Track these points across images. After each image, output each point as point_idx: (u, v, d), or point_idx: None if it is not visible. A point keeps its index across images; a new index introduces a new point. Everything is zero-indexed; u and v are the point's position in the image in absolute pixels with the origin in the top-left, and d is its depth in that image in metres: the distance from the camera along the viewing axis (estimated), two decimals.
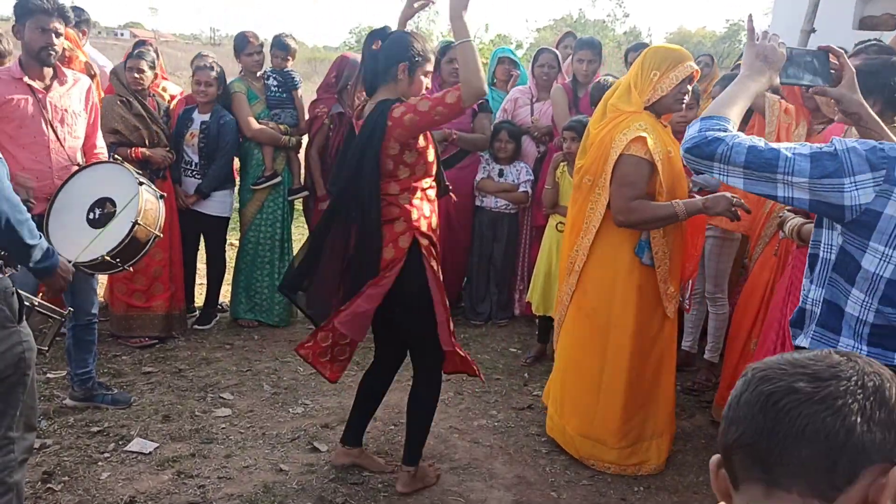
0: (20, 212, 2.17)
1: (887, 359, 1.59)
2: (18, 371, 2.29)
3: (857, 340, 1.64)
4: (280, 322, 5.06)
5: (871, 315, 1.61)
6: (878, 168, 1.53)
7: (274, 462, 3.28)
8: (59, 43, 3.26)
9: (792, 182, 1.58)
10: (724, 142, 1.64)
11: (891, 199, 1.52)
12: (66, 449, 3.30)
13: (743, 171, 1.62)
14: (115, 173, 3.25)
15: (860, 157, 1.54)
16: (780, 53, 1.82)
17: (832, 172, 1.55)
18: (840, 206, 1.56)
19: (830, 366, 0.85)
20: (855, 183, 1.53)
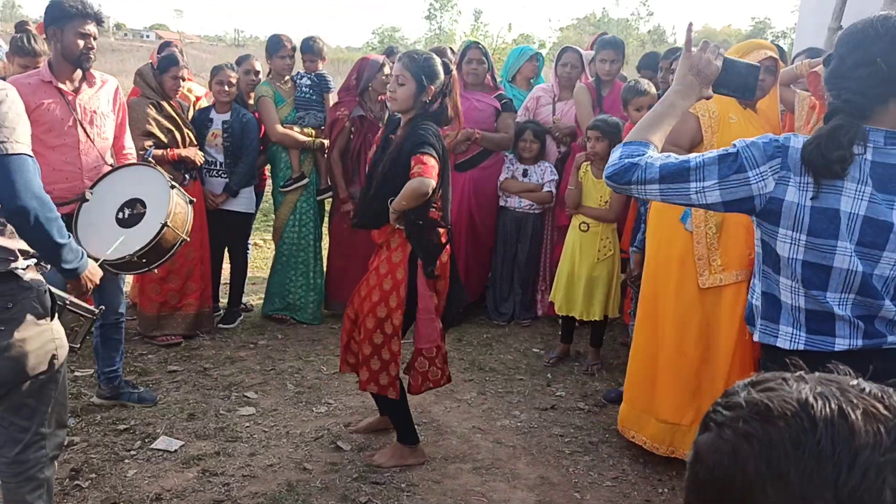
0: (50, 210, 2.19)
1: (827, 344, 1.66)
2: (51, 368, 2.32)
3: (797, 328, 1.71)
4: (313, 320, 5.12)
5: (803, 300, 1.68)
6: (774, 157, 1.64)
7: (298, 461, 3.30)
8: (95, 46, 3.30)
9: (704, 187, 1.69)
10: (639, 167, 1.74)
11: (789, 184, 1.63)
12: (94, 446, 3.34)
13: (658, 185, 1.73)
14: (147, 175, 3.28)
15: (759, 150, 1.66)
16: (713, 67, 1.83)
17: (737, 169, 1.66)
18: (750, 198, 1.66)
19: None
20: (759, 174, 1.64)
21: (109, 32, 52.20)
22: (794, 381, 0.74)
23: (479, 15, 37.25)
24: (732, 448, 0.70)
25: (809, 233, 1.63)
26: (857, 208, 1.61)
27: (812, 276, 1.65)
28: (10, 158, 2.11)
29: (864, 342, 1.66)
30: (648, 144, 1.81)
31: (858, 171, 1.61)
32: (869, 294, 1.64)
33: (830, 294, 1.65)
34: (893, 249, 1.62)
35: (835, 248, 1.62)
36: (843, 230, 1.60)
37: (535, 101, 5.30)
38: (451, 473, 3.25)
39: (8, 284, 2.23)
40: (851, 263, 1.62)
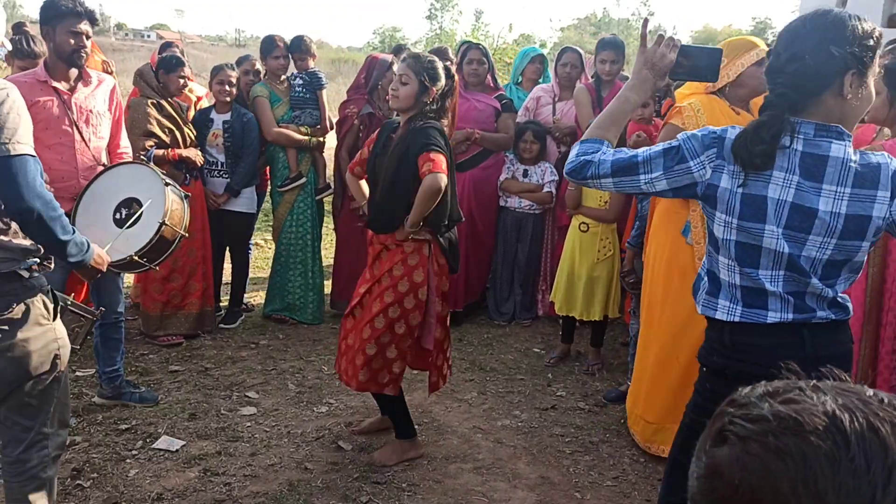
0: (53, 209, 2.20)
1: (760, 316, 1.79)
2: (53, 368, 2.33)
3: (733, 302, 1.83)
4: (314, 320, 5.12)
5: (738, 277, 1.81)
6: (710, 147, 1.77)
7: (299, 460, 3.31)
8: (88, 45, 3.31)
9: (652, 178, 1.83)
10: (593, 163, 1.89)
11: (723, 172, 1.76)
12: (95, 446, 3.35)
13: (612, 178, 1.87)
14: (141, 173, 3.28)
15: (697, 141, 1.79)
16: (667, 60, 1.91)
17: (679, 160, 1.80)
18: (693, 184, 1.80)
19: None
20: (699, 163, 1.78)
21: (110, 32, 52.21)
22: (811, 392, 0.71)
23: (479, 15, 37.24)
24: (762, 465, 0.66)
25: (740, 217, 1.75)
26: (785, 195, 1.72)
27: (744, 255, 1.78)
28: (12, 159, 2.12)
29: (795, 316, 1.78)
30: (602, 141, 1.94)
31: (787, 161, 1.72)
32: (797, 272, 1.75)
33: (763, 272, 1.77)
34: (819, 233, 1.73)
35: (762, 231, 1.74)
36: (769, 215, 1.73)
37: (536, 101, 5.30)
38: (451, 473, 3.26)
39: (11, 284, 2.24)
40: (778, 245, 1.74)
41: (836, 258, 1.77)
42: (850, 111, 1.77)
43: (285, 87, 5.06)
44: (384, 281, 3.17)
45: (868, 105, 1.82)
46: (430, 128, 3.06)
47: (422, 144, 3.01)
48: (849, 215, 1.72)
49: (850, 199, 1.73)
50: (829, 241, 1.74)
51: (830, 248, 1.75)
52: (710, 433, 0.74)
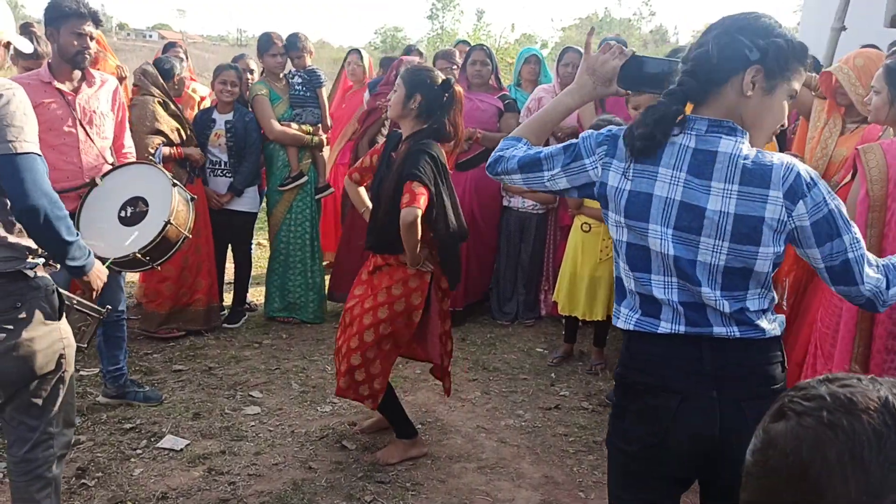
0: (59, 208, 2.20)
1: (652, 326, 1.69)
2: (59, 368, 2.34)
3: (632, 309, 1.74)
4: (315, 319, 5.12)
5: (633, 283, 1.73)
6: (602, 144, 1.74)
7: (303, 460, 3.31)
8: (92, 46, 3.31)
9: (553, 175, 1.80)
10: (504, 158, 1.88)
11: (611, 170, 1.71)
12: (100, 445, 3.36)
13: (520, 174, 1.85)
14: (148, 173, 3.29)
15: (593, 140, 1.76)
16: (610, 66, 1.86)
17: (575, 157, 1.76)
18: (591, 184, 1.76)
19: None
20: (592, 161, 1.74)
21: (112, 32, 52.25)
22: (868, 381, 0.77)
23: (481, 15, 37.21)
24: (815, 435, 0.73)
25: (626, 215, 1.69)
26: (673, 193, 1.64)
27: (635, 258, 1.71)
28: (19, 158, 2.12)
29: (688, 329, 1.66)
30: (521, 139, 1.93)
31: (675, 158, 1.65)
32: (687, 279, 1.65)
33: (654, 277, 1.69)
34: (709, 234, 1.62)
35: (646, 231, 1.66)
36: (653, 214, 1.65)
37: (537, 101, 5.30)
38: (455, 472, 3.27)
39: (17, 284, 2.25)
40: (664, 247, 1.64)
41: (733, 265, 1.62)
42: (750, 112, 1.65)
43: (283, 85, 5.06)
44: (381, 296, 3.18)
45: (775, 117, 1.70)
46: (421, 152, 3.06)
47: (408, 172, 3.03)
48: (738, 215, 1.60)
49: (739, 197, 1.60)
50: (721, 245, 1.62)
51: (724, 252, 1.62)
52: (771, 411, 0.81)
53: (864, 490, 0.69)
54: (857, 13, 5.40)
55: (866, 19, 5.55)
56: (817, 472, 0.71)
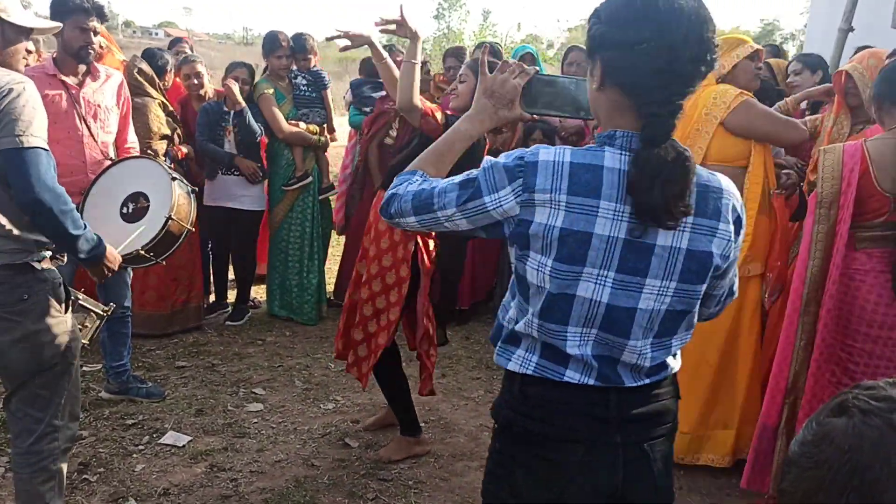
0: (64, 203, 2.20)
1: (557, 374, 1.45)
2: (64, 361, 2.34)
3: (531, 352, 1.48)
4: (309, 321, 5.10)
5: (538, 332, 1.45)
6: (516, 178, 1.39)
7: (305, 457, 3.31)
8: (97, 41, 3.31)
9: (448, 215, 1.47)
10: (397, 197, 1.55)
11: (536, 206, 1.37)
12: (102, 441, 3.36)
13: (415, 217, 1.52)
14: (147, 168, 3.28)
15: (501, 173, 1.41)
16: (509, 86, 1.63)
17: (472, 195, 1.43)
18: (497, 224, 1.44)
19: None
20: (497, 199, 1.40)
21: (118, 30, 52.36)
22: None
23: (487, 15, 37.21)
24: (880, 436, 0.70)
25: (557, 258, 1.38)
26: (616, 231, 1.36)
27: (553, 308, 1.42)
28: (26, 151, 2.13)
29: (596, 383, 1.44)
30: (417, 172, 1.61)
31: (617, 189, 1.35)
32: (614, 332, 1.42)
33: (571, 330, 1.42)
34: (656, 275, 1.39)
35: (580, 275, 1.38)
36: (592, 255, 1.37)
37: None
38: (458, 471, 3.26)
39: (24, 276, 2.26)
40: (597, 293, 1.39)
41: (675, 308, 1.42)
42: (595, 110, 1.47)
43: (287, 85, 5.05)
44: (373, 268, 3.19)
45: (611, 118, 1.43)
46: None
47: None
48: (690, 251, 1.39)
49: (693, 230, 1.39)
50: (668, 286, 1.40)
51: (670, 294, 1.40)
52: (829, 406, 0.77)
53: None
54: (864, 14, 5.39)
55: (874, 20, 5.54)
56: (875, 475, 0.68)
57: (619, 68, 1.36)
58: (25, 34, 2.31)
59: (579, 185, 1.35)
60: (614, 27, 1.35)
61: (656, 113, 1.33)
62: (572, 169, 1.36)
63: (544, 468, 1.47)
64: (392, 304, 3.14)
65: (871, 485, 0.68)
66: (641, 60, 1.32)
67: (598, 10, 1.40)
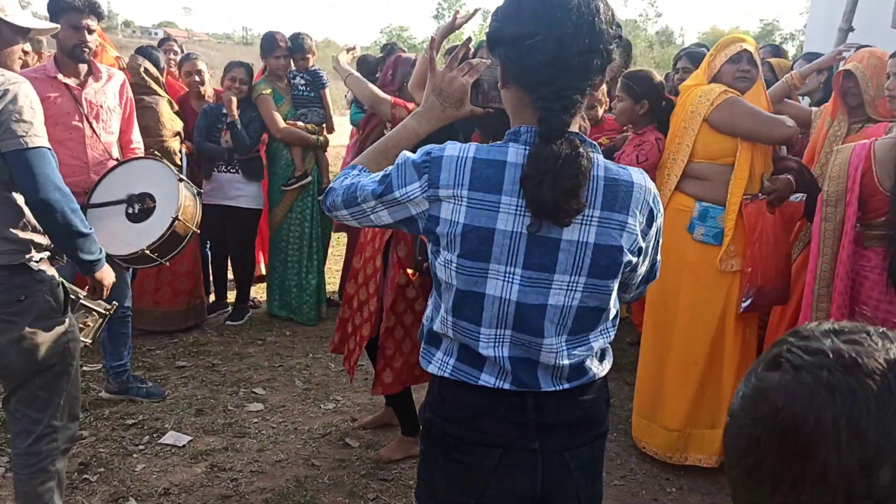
0: (72, 201, 2.20)
1: (472, 377, 1.44)
2: (63, 361, 2.34)
3: (448, 354, 1.47)
4: (308, 321, 5.10)
5: (452, 331, 1.45)
6: (423, 174, 1.39)
7: (306, 457, 3.30)
8: (92, 40, 3.29)
9: (371, 208, 1.46)
10: (332, 190, 1.55)
11: (441, 201, 1.38)
12: (102, 441, 3.35)
13: (346, 210, 1.51)
14: (154, 169, 3.28)
15: (411, 168, 1.41)
16: (458, 84, 1.60)
17: (386, 189, 1.43)
18: (412, 218, 1.43)
19: None
20: (406, 194, 1.40)
21: (118, 29, 52.34)
22: (878, 337, 0.71)
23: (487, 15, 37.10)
24: (810, 394, 0.68)
25: (461, 254, 1.38)
26: (519, 226, 1.35)
27: (464, 306, 1.41)
28: (31, 152, 2.12)
29: (511, 387, 1.42)
30: (357, 167, 1.61)
31: (518, 184, 1.35)
32: (528, 330, 1.40)
33: (484, 331, 1.41)
34: (564, 271, 1.37)
35: (486, 272, 1.37)
36: (496, 252, 1.36)
37: None
38: None
39: (21, 277, 2.25)
40: (506, 291, 1.38)
41: (587, 304, 1.41)
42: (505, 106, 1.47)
43: (285, 85, 5.04)
44: (357, 262, 3.22)
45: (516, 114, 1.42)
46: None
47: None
48: (598, 245, 1.37)
49: (600, 224, 1.37)
50: (577, 281, 1.38)
51: (580, 289, 1.39)
52: (766, 357, 0.76)
53: (857, 458, 0.65)
54: (864, 14, 5.38)
55: (873, 20, 5.53)
56: (808, 433, 0.67)
57: (513, 64, 1.36)
58: (23, 34, 2.30)
59: (480, 181, 1.36)
60: (508, 23, 1.36)
61: (549, 107, 1.32)
62: (474, 164, 1.36)
63: (461, 472, 1.47)
64: (371, 296, 3.14)
65: (805, 444, 0.67)
66: (532, 55, 1.31)
67: (497, 8, 1.41)
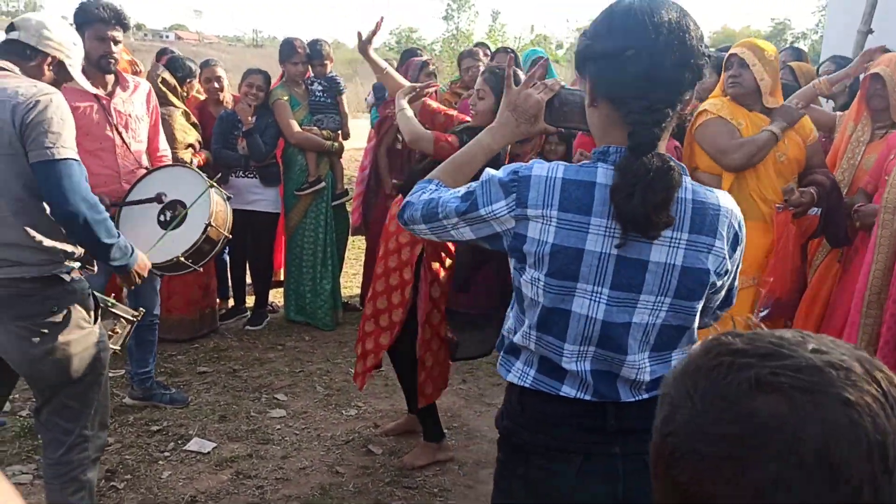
0: (98, 212, 2.22)
1: (553, 388, 1.44)
2: (94, 371, 2.36)
3: (528, 365, 1.48)
4: (324, 326, 5.11)
5: (535, 345, 1.45)
6: (510, 193, 1.40)
7: (330, 464, 3.31)
8: (117, 50, 3.31)
9: (453, 224, 1.49)
10: (410, 204, 1.58)
11: (529, 220, 1.39)
12: (128, 447, 3.37)
13: (424, 225, 1.55)
14: (185, 176, 3.29)
15: (497, 186, 1.42)
16: (532, 101, 1.64)
17: (471, 206, 1.45)
18: (497, 235, 1.45)
19: None
20: (492, 212, 1.42)
21: (130, 33, 52.50)
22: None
23: (496, 16, 37.08)
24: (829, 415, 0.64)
25: (549, 273, 1.39)
26: (608, 247, 1.36)
27: (550, 322, 1.42)
28: (57, 163, 2.14)
29: (592, 398, 1.44)
30: (433, 181, 1.64)
31: (608, 205, 1.35)
32: (612, 347, 1.41)
33: (568, 346, 1.42)
34: (651, 291, 1.38)
35: (573, 291, 1.39)
36: (584, 271, 1.37)
37: None
38: (482, 478, 3.25)
39: (53, 288, 2.27)
40: (592, 310, 1.39)
41: (671, 322, 1.42)
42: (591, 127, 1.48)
43: (303, 91, 5.05)
44: (379, 268, 3.20)
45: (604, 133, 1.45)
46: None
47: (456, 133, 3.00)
48: (685, 268, 1.39)
49: (687, 247, 1.39)
50: (662, 301, 1.40)
51: (665, 308, 1.40)
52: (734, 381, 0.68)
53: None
54: (883, 16, 5.36)
55: (892, 22, 5.50)
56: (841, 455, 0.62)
57: (605, 80, 1.38)
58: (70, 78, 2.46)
59: (570, 202, 1.37)
60: (599, 40, 1.38)
61: (640, 121, 1.33)
62: (564, 185, 1.38)
63: (542, 479, 1.47)
64: (395, 306, 3.13)
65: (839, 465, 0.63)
66: (624, 69, 1.33)
67: (585, 29, 1.45)
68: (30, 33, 2.30)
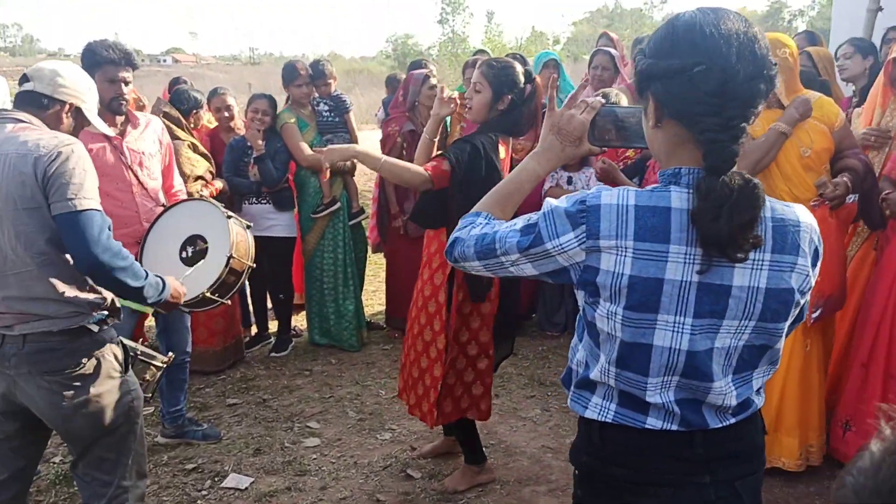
0: (122, 258, 2.18)
1: (637, 421, 1.39)
2: (129, 420, 2.32)
3: (607, 400, 1.43)
4: (350, 347, 5.06)
5: (614, 381, 1.40)
6: (579, 224, 1.33)
7: (370, 492, 3.26)
8: (128, 91, 3.28)
9: (513, 261, 1.42)
10: (460, 240, 1.52)
11: (602, 252, 1.32)
12: (165, 488, 3.33)
13: (479, 261, 1.48)
14: (201, 209, 3.24)
15: (562, 217, 1.34)
16: (577, 122, 1.57)
17: (534, 241, 1.38)
18: (563, 269, 1.38)
19: None
20: (560, 246, 1.35)
21: None
22: None
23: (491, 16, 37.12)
24: None
25: (627, 306, 1.32)
26: (689, 275, 1.30)
27: (630, 357, 1.37)
28: (80, 215, 2.11)
29: (680, 428, 1.39)
30: (480, 213, 1.57)
31: (687, 231, 1.29)
32: (697, 377, 1.36)
33: (651, 380, 1.37)
34: (734, 316, 1.33)
35: (654, 323, 1.33)
36: (665, 302, 1.31)
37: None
38: (526, 497, 3.19)
39: (81, 340, 2.23)
40: (676, 341, 1.33)
41: (753, 343, 1.37)
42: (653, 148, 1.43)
43: (309, 112, 5.01)
44: (419, 300, 3.12)
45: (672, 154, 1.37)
46: (466, 141, 2.91)
47: (441, 153, 2.90)
48: (769, 289, 1.33)
49: (771, 268, 1.33)
50: (746, 324, 1.35)
51: (748, 331, 1.35)
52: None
53: None
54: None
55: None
56: None
57: (673, 98, 1.30)
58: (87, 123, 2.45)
59: (646, 230, 1.30)
60: (661, 58, 1.31)
61: (716, 139, 1.27)
62: (637, 213, 1.30)
63: None
64: (437, 333, 3.06)
65: None
66: (696, 86, 1.26)
67: (642, 47, 1.37)
68: (44, 83, 2.28)
